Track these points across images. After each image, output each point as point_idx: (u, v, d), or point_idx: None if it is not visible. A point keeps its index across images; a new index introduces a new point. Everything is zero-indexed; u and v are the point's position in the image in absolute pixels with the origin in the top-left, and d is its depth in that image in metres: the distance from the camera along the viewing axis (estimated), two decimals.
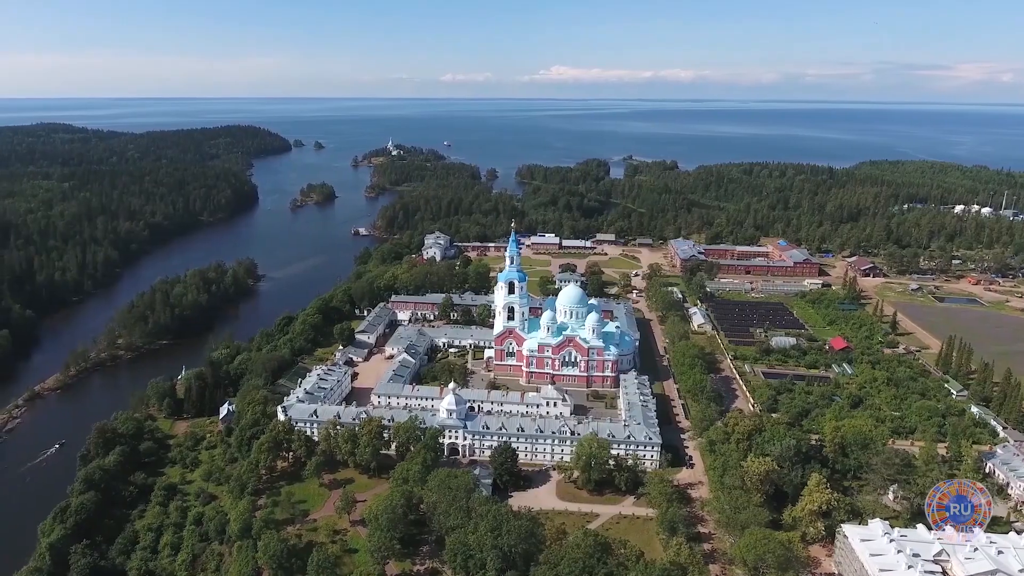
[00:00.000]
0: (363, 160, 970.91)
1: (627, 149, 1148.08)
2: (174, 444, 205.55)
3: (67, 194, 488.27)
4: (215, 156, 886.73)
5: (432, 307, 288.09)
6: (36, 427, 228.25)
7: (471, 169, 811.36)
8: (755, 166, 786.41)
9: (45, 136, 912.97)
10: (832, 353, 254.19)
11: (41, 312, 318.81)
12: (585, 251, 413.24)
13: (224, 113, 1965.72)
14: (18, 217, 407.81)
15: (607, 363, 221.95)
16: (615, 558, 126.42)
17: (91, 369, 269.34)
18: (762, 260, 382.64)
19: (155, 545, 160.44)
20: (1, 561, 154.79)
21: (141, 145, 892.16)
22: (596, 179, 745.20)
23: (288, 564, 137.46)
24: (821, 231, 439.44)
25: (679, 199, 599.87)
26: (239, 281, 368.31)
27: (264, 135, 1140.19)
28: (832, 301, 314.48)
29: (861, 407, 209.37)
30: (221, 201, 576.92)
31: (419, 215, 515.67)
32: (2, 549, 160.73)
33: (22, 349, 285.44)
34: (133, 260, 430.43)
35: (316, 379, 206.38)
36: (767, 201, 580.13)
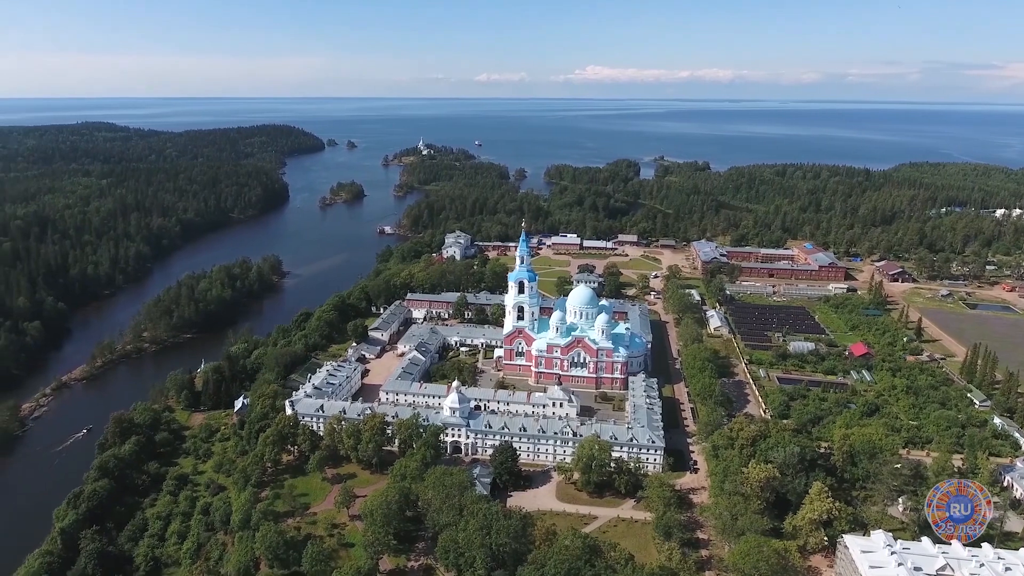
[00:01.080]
0: (393, 159, 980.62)
1: (659, 150, 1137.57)
2: (189, 435, 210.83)
3: (104, 191, 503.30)
4: (250, 155, 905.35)
5: (447, 306, 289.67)
6: (61, 415, 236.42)
7: (499, 169, 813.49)
8: (788, 167, 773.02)
9: (88, 135, 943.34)
10: (851, 359, 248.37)
11: (73, 305, 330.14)
12: (606, 252, 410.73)
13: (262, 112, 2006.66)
14: (56, 213, 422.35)
15: (616, 365, 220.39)
16: (604, 561, 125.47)
17: (117, 360, 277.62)
18: (786, 263, 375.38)
19: (163, 533, 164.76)
20: (18, 544, 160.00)
21: (179, 144, 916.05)
22: (624, 180, 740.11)
23: (285, 556, 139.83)
24: (850, 234, 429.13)
25: (708, 200, 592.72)
26: (264, 277, 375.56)
27: (298, 134, 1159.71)
28: (857, 306, 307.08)
29: (877, 415, 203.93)
30: (252, 199, 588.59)
31: (444, 214, 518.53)
32: (20, 532, 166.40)
33: (53, 340, 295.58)
34: (164, 255, 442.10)
35: (325, 375, 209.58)
36: (798, 203, 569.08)
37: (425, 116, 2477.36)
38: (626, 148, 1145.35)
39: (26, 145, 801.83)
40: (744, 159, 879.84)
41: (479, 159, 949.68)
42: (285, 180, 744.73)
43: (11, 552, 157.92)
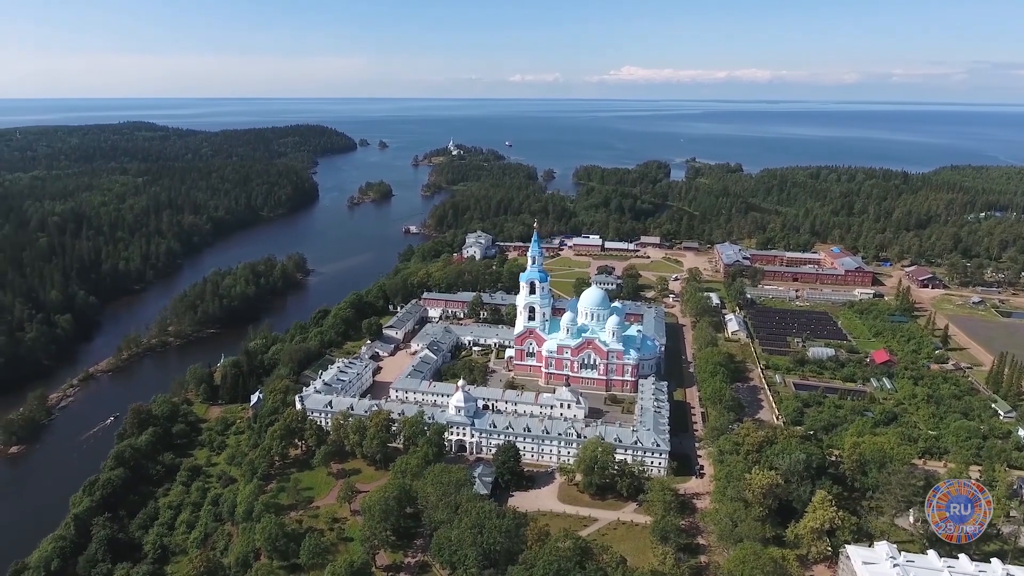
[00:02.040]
0: (423, 159, 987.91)
1: (691, 151, 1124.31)
2: (205, 428, 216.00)
3: (139, 188, 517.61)
4: (283, 154, 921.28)
5: (463, 305, 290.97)
6: (87, 405, 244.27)
7: (527, 169, 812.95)
8: (822, 169, 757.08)
9: (129, 134, 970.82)
10: (872, 366, 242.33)
11: (104, 299, 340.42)
12: (627, 254, 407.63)
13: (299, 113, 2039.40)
14: (92, 209, 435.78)
15: (627, 367, 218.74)
16: (595, 563, 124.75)
17: (142, 353, 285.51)
18: (812, 267, 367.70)
19: (172, 522, 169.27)
20: (37, 527, 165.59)
21: (215, 143, 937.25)
22: (653, 181, 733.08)
23: (284, 548, 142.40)
24: (880, 238, 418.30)
25: (737, 202, 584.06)
26: (288, 275, 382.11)
27: (331, 134, 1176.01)
28: (882, 312, 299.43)
29: (894, 424, 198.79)
30: (281, 197, 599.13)
31: (468, 214, 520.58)
32: (41, 517, 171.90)
33: (84, 333, 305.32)
34: (195, 252, 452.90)
35: (336, 371, 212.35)
36: (830, 206, 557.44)
37: (458, 116, 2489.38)
38: (658, 149, 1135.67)
39: (69, 144, 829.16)
40: (778, 161, 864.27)
41: (508, 160, 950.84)
42: (315, 179, 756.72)
43: (30, 535, 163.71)
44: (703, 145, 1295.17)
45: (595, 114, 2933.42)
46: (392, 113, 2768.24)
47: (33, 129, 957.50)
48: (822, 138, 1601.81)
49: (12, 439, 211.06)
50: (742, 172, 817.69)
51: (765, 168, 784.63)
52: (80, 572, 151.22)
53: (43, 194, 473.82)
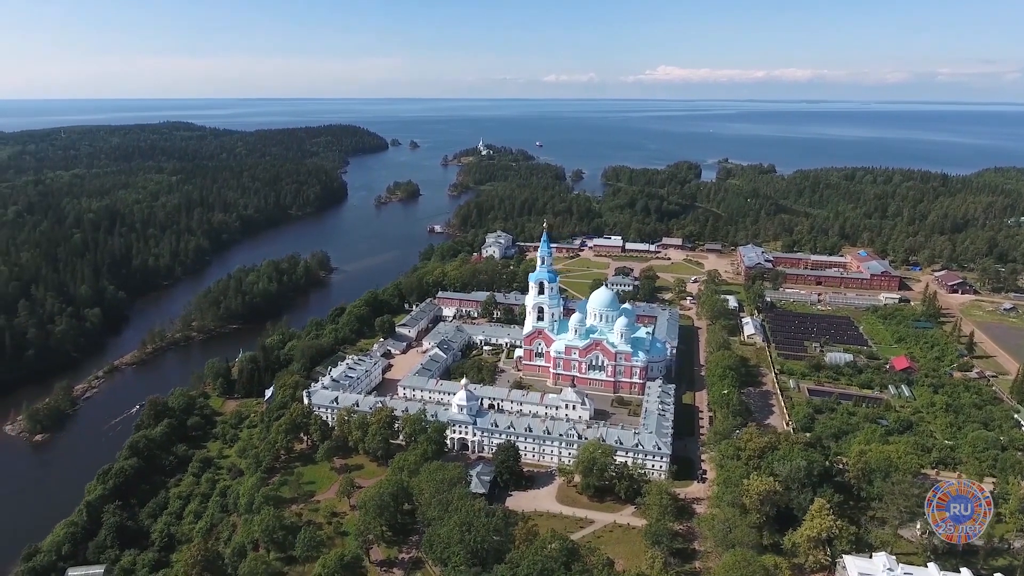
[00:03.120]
0: (453, 159, 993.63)
1: (724, 152, 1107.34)
2: (220, 421, 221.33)
3: (173, 187, 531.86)
4: (315, 153, 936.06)
5: (477, 304, 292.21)
6: (111, 396, 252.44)
7: (555, 170, 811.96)
8: (857, 171, 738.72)
9: (168, 133, 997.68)
10: (892, 373, 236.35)
11: (133, 294, 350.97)
12: (647, 255, 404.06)
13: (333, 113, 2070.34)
14: (126, 207, 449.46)
15: (635, 369, 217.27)
16: (582, 564, 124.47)
17: (166, 347, 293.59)
18: (837, 271, 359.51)
19: (181, 512, 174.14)
20: (54, 512, 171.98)
21: (249, 142, 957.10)
22: (682, 182, 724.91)
23: (282, 540, 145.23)
24: (910, 242, 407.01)
25: (766, 204, 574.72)
26: (311, 272, 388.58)
27: (362, 134, 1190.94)
28: (907, 317, 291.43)
29: (909, 433, 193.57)
30: (310, 196, 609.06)
31: (492, 214, 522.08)
32: (59, 502, 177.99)
33: (112, 326, 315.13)
34: (223, 249, 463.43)
35: (344, 368, 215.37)
36: (863, 208, 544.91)
37: (490, 117, 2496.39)
38: (690, 150, 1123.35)
39: (110, 143, 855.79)
40: (813, 162, 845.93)
41: (537, 160, 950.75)
42: (344, 179, 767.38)
43: (47, 520, 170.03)
44: (737, 146, 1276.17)
45: (628, 114, 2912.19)
46: (425, 113, 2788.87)
47: (77, 129, 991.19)
48: (861, 139, 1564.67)
49: (37, 427, 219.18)
50: (775, 173, 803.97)
51: (798, 169, 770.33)
52: (90, 557, 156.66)
53: (81, 192, 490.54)
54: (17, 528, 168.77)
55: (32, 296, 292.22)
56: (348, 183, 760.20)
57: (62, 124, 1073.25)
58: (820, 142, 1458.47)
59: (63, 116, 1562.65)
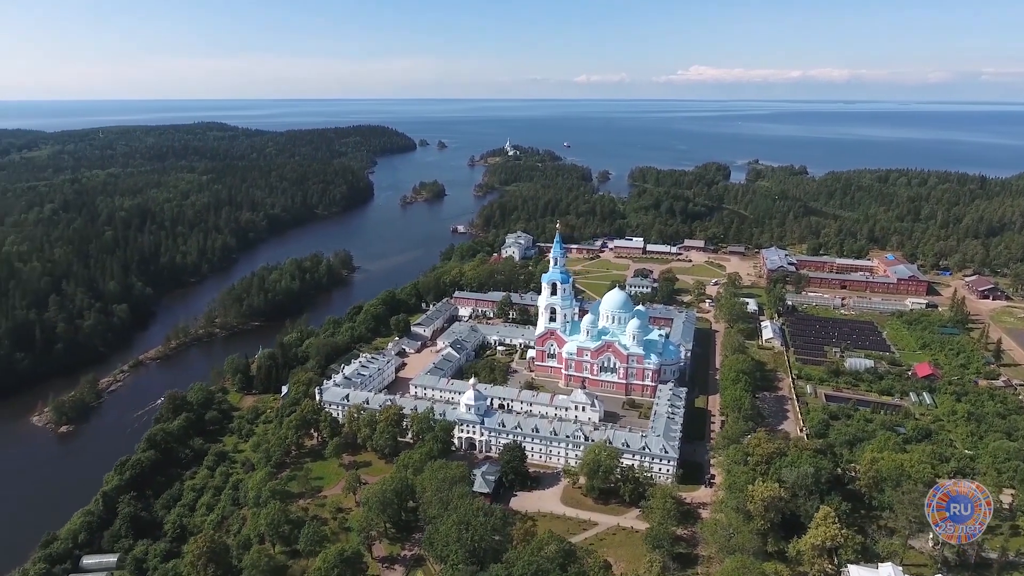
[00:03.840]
0: (479, 160, 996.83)
1: (755, 153, 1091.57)
2: (237, 416, 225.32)
3: (203, 186, 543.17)
4: (344, 154, 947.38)
5: (492, 304, 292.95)
6: (135, 390, 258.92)
7: (582, 171, 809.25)
8: (891, 173, 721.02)
9: (201, 134, 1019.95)
10: (913, 380, 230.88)
11: (161, 291, 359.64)
12: (668, 257, 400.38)
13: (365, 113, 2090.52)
14: (157, 205, 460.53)
15: (647, 371, 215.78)
16: (578, 566, 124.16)
17: (189, 343, 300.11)
18: (862, 275, 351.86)
19: (194, 504, 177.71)
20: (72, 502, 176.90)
21: (279, 143, 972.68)
22: (709, 183, 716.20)
23: (287, 534, 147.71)
24: (941, 246, 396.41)
25: (795, 206, 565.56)
26: (333, 271, 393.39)
27: (391, 134, 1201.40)
28: (933, 323, 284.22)
29: (927, 441, 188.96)
30: (336, 196, 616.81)
31: (515, 214, 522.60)
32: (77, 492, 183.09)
33: (139, 322, 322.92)
34: (250, 248, 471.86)
35: (357, 366, 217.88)
36: (896, 211, 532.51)
37: (519, 117, 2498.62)
38: (719, 151, 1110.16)
39: (146, 143, 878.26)
40: (847, 163, 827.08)
41: (565, 160, 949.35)
42: (371, 179, 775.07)
43: (67, 508, 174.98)
44: (768, 147, 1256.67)
45: (659, 115, 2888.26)
46: (455, 114, 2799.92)
47: (115, 129, 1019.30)
48: (898, 140, 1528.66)
49: (63, 419, 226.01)
50: (806, 175, 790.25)
51: (830, 171, 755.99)
52: (104, 546, 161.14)
53: (115, 190, 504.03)
54: (39, 515, 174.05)
55: (63, 291, 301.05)
56: (375, 183, 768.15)
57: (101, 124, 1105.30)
58: (855, 143, 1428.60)
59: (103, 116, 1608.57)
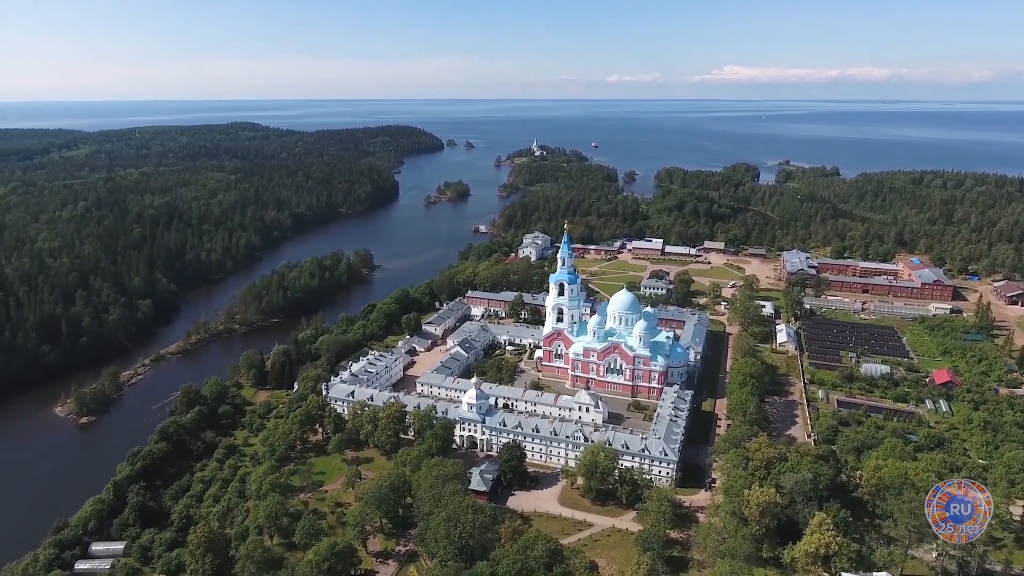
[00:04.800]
0: (506, 160, 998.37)
1: (786, 153, 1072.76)
2: (250, 411, 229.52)
3: (231, 185, 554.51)
4: (371, 153, 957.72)
5: (505, 304, 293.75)
6: (154, 383, 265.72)
7: (607, 171, 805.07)
8: (926, 174, 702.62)
9: (233, 134, 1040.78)
10: (930, 387, 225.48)
11: (185, 287, 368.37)
12: (687, 259, 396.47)
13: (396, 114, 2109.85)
14: (185, 204, 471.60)
15: (653, 373, 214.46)
16: (563, 566, 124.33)
17: (209, 339, 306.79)
18: (886, 279, 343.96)
19: (202, 495, 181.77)
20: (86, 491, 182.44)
21: (308, 142, 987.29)
22: (736, 184, 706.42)
23: (286, 527, 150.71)
24: (970, 250, 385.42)
25: (823, 208, 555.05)
26: (353, 270, 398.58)
27: (419, 135, 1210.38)
28: (956, 329, 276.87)
29: (939, 450, 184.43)
30: (360, 195, 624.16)
31: (536, 215, 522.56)
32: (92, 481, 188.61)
33: (163, 317, 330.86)
34: (274, 246, 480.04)
35: (365, 363, 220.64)
36: (927, 214, 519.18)
37: (548, 117, 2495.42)
38: (751, 152, 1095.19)
39: (180, 143, 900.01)
40: (883, 164, 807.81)
41: (591, 161, 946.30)
42: (396, 178, 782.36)
43: (81, 496, 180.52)
44: (801, 147, 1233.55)
45: (690, 115, 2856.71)
46: (484, 114, 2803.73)
47: (151, 129, 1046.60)
48: (937, 140, 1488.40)
49: (84, 410, 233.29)
50: (838, 176, 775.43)
51: (863, 172, 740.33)
52: (113, 534, 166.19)
53: (146, 189, 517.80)
54: (55, 502, 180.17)
55: (90, 287, 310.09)
56: (400, 183, 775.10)
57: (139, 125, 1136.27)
58: (891, 144, 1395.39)
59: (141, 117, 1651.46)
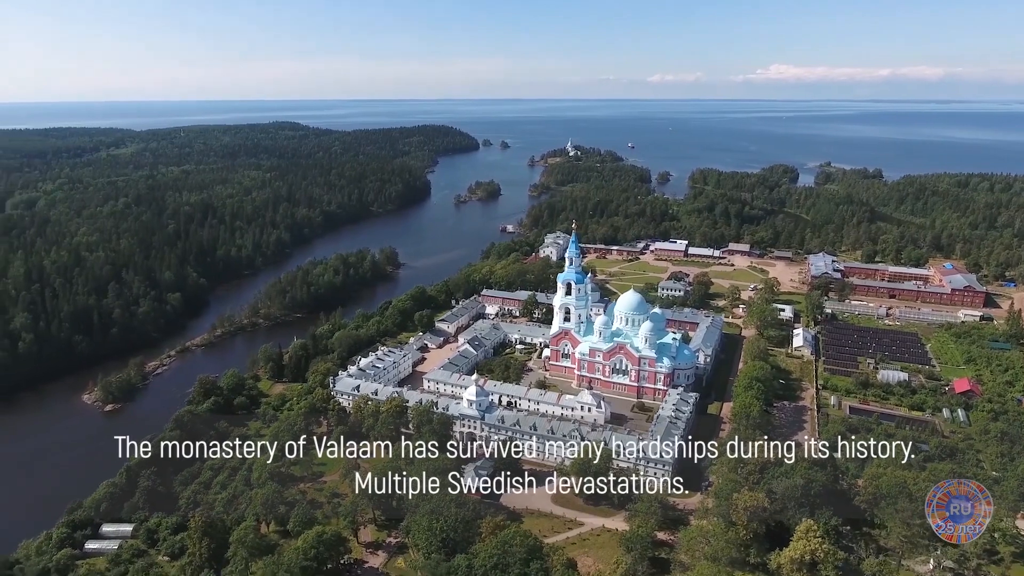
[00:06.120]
0: (539, 160, 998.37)
1: (828, 155, 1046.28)
2: (264, 402, 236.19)
3: (266, 183, 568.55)
4: (407, 153, 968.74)
5: (519, 303, 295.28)
6: (178, 373, 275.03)
7: (641, 172, 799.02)
8: (972, 177, 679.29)
9: (274, 133, 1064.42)
10: (950, 395, 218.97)
11: (215, 282, 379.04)
12: (710, 261, 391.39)
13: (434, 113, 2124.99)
14: (219, 201, 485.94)
15: (659, 375, 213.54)
16: (540, 562, 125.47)
17: (234, 332, 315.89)
18: (915, 284, 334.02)
19: (210, 482, 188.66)
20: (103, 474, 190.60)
21: (345, 141, 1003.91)
22: (771, 186, 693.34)
23: (283, 514, 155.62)
24: (1007, 255, 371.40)
25: (860, 210, 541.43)
26: (377, 267, 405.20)
27: (454, 134, 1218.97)
28: (984, 337, 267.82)
29: (950, 460, 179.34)
30: (391, 194, 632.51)
31: (564, 215, 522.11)
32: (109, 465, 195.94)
33: (192, 311, 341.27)
34: (304, 243, 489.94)
35: (373, 358, 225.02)
36: (970, 218, 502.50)
37: (587, 117, 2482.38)
38: (792, 153, 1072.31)
39: (222, 141, 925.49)
40: (928, 167, 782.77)
41: (627, 161, 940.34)
42: (429, 177, 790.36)
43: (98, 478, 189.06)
44: (845, 149, 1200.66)
45: (733, 115, 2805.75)
46: (522, 114, 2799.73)
47: (195, 128, 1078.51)
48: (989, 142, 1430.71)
49: (109, 398, 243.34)
50: (880, 179, 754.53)
51: (906, 174, 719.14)
52: (123, 516, 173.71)
53: (184, 186, 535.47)
54: (75, 485, 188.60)
55: (123, 280, 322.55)
56: (433, 182, 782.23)
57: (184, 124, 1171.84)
58: (940, 145, 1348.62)
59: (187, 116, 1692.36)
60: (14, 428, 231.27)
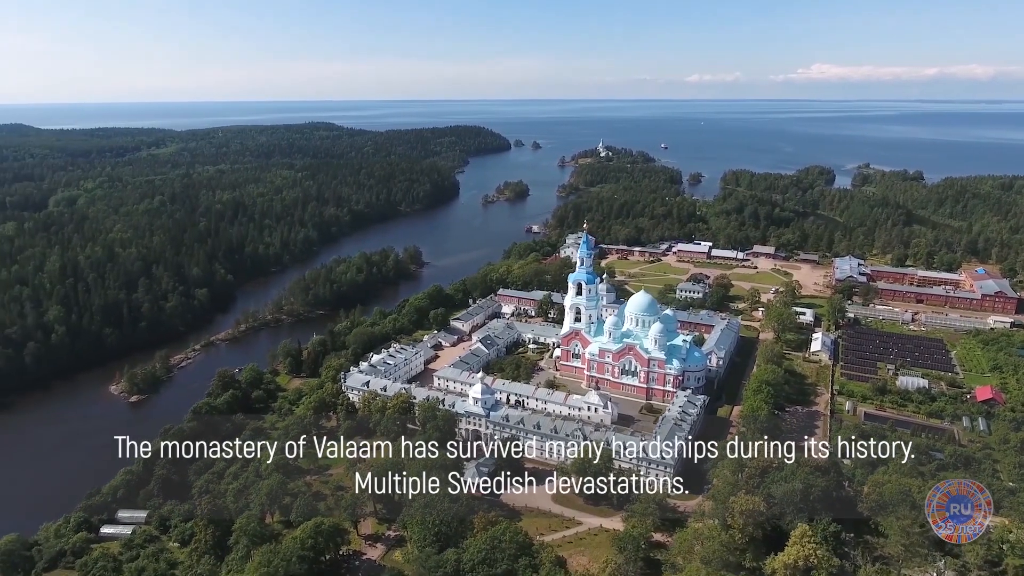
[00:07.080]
0: (570, 160, 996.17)
1: (867, 156, 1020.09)
2: (281, 397, 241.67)
3: (296, 182, 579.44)
4: (438, 153, 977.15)
5: (534, 303, 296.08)
6: (202, 366, 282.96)
7: (672, 173, 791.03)
8: (1017, 180, 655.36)
9: (308, 133, 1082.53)
10: (971, 404, 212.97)
11: (242, 278, 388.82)
12: (734, 263, 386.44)
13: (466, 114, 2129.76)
14: (250, 199, 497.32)
15: (669, 377, 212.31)
16: (529, 559, 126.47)
17: (258, 327, 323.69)
18: (944, 289, 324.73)
19: (223, 472, 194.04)
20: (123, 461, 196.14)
21: (378, 142, 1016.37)
22: (805, 188, 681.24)
23: (287, 505, 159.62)
24: None
25: (896, 213, 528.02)
26: (400, 265, 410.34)
27: (486, 135, 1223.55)
28: (1014, 344, 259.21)
29: (966, 470, 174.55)
30: (419, 194, 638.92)
31: (590, 215, 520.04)
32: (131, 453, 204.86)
33: (219, 306, 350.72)
34: (331, 241, 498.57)
35: (385, 355, 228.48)
36: (1011, 222, 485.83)
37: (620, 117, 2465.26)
38: (830, 154, 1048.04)
39: (258, 141, 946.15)
40: (972, 168, 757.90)
41: (658, 162, 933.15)
42: (458, 178, 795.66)
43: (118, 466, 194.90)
44: (887, 150, 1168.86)
45: (771, 116, 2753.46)
46: (554, 114, 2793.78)
47: (233, 128, 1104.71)
48: None
49: (134, 389, 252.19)
50: (920, 181, 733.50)
51: (947, 176, 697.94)
52: (139, 503, 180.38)
53: (218, 185, 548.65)
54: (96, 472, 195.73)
55: (152, 275, 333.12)
56: (462, 182, 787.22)
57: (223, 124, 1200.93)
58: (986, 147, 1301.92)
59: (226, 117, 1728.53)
60: (44, 416, 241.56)
